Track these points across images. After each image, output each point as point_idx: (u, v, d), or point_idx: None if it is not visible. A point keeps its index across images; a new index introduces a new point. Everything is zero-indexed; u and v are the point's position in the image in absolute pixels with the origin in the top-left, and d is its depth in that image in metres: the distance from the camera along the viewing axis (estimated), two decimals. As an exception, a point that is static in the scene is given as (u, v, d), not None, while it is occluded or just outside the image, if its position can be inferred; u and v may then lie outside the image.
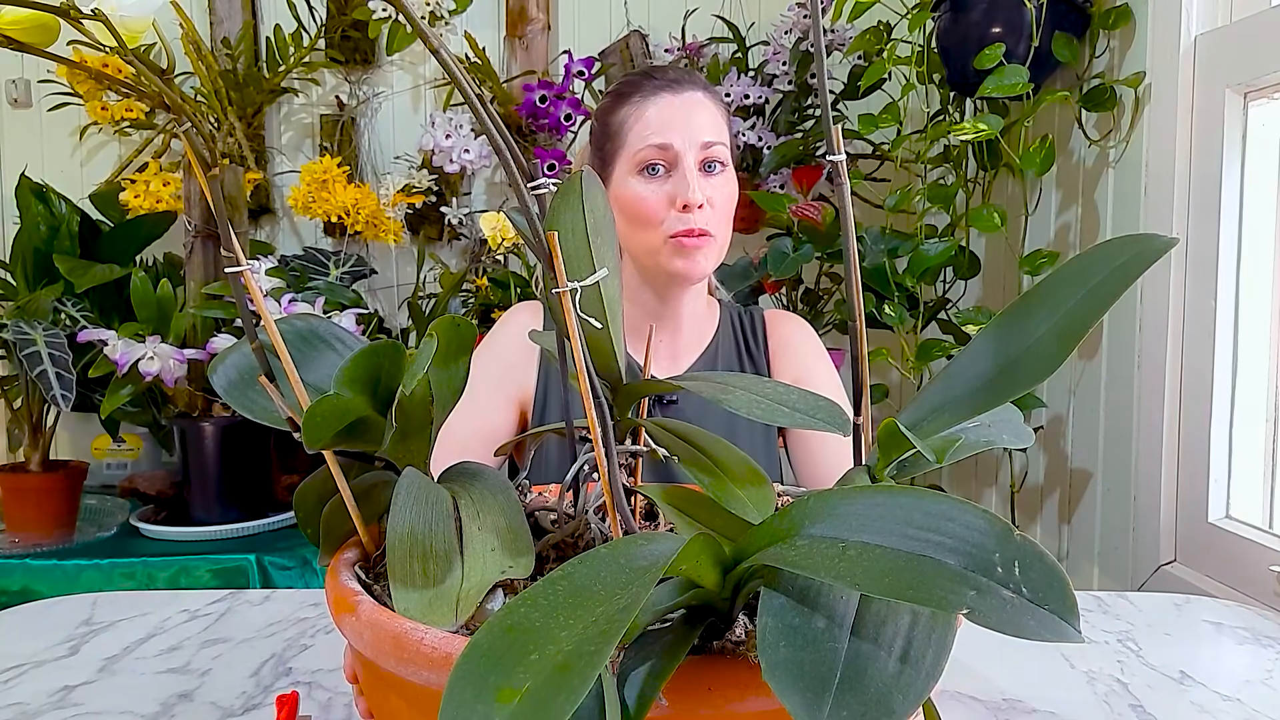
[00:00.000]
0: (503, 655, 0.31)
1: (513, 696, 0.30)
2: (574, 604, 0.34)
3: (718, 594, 0.39)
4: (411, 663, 0.40)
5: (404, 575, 0.43)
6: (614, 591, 0.34)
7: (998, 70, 1.31)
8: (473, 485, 0.49)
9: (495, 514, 0.47)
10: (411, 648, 0.40)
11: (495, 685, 0.30)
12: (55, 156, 2.08)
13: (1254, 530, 1.08)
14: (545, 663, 0.31)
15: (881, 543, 0.35)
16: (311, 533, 0.53)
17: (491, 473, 0.51)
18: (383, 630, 0.42)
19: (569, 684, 0.29)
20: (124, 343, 1.27)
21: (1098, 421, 1.39)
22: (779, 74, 1.81)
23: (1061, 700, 0.64)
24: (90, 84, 1.81)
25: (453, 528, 0.46)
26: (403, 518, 0.45)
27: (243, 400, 0.51)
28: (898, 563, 0.34)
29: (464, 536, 0.46)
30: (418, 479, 0.48)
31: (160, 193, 1.68)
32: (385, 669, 0.42)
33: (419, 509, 0.46)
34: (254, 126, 2.00)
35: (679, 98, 0.91)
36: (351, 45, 2.01)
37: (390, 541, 0.44)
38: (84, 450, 1.88)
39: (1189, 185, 1.18)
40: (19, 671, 0.69)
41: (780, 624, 0.35)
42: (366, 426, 0.48)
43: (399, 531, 0.44)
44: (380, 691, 0.47)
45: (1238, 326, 1.12)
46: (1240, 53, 1.10)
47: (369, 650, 0.43)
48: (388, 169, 2.05)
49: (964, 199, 1.56)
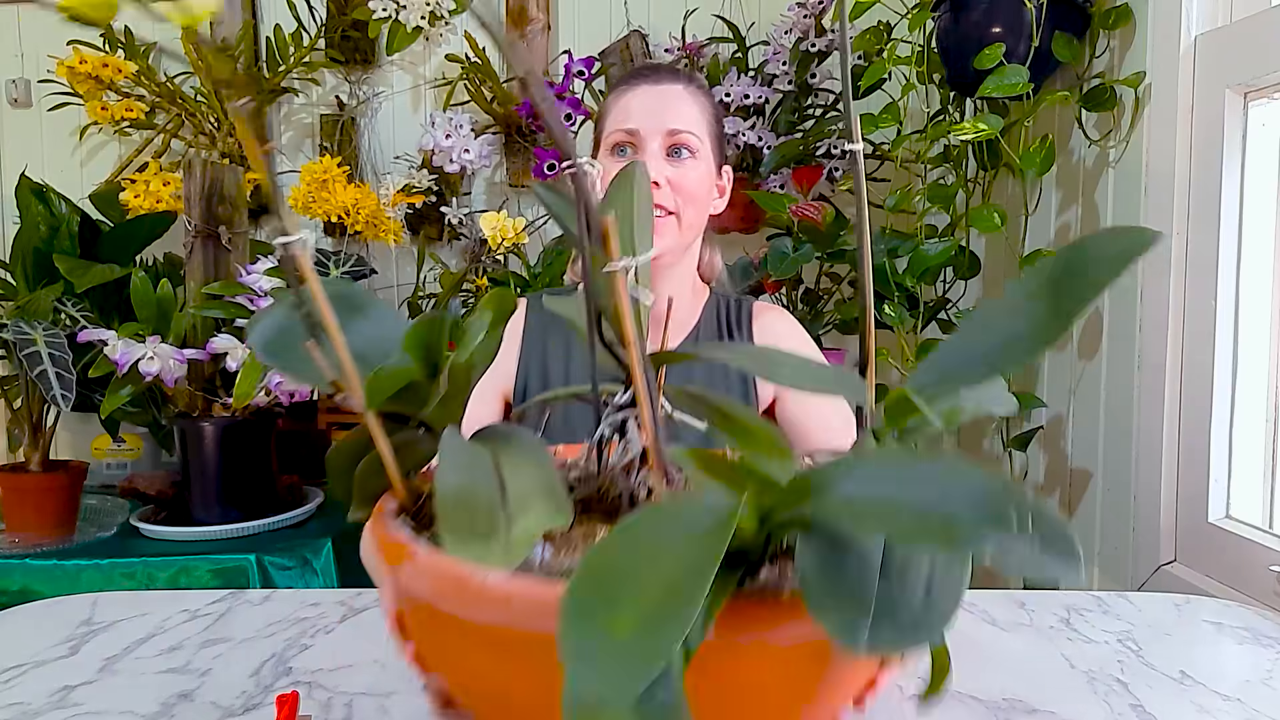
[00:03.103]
0: (605, 593, 0.36)
1: (624, 627, 0.34)
2: (655, 549, 0.39)
3: (754, 542, 0.44)
4: (474, 603, 0.44)
5: (454, 525, 0.46)
6: (692, 536, 0.39)
7: (998, 70, 1.31)
8: (508, 445, 0.53)
9: (532, 470, 0.51)
10: (474, 589, 0.44)
11: (605, 618, 0.35)
12: (55, 156, 2.08)
13: (1254, 530, 1.08)
14: (646, 598, 0.35)
15: (907, 497, 0.40)
16: (343, 492, 0.57)
17: (524, 434, 0.55)
18: (444, 574, 0.45)
19: (675, 614, 0.34)
20: (124, 343, 1.27)
21: (1098, 421, 1.39)
22: (779, 74, 1.81)
23: (1061, 700, 0.64)
24: (90, 84, 1.81)
25: (495, 483, 0.49)
26: (450, 473, 0.48)
27: (280, 358, 0.54)
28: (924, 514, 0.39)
29: (505, 490, 0.49)
30: (460, 439, 0.52)
31: (160, 193, 1.67)
32: (444, 610, 0.46)
33: (464, 465, 0.50)
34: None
35: (657, 89, 1.00)
36: (351, 45, 2.01)
37: (439, 495, 0.47)
38: (84, 450, 1.88)
39: (1189, 185, 1.18)
40: (19, 671, 0.69)
41: (819, 566, 0.41)
42: (415, 389, 0.53)
43: (447, 485, 0.47)
44: (436, 633, 0.51)
45: (1238, 327, 1.12)
46: (1240, 53, 1.10)
47: (428, 593, 0.47)
48: (388, 169, 2.05)
49: (964, 199, 1.56)
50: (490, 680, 0.49)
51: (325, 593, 0.86)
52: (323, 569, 1.35)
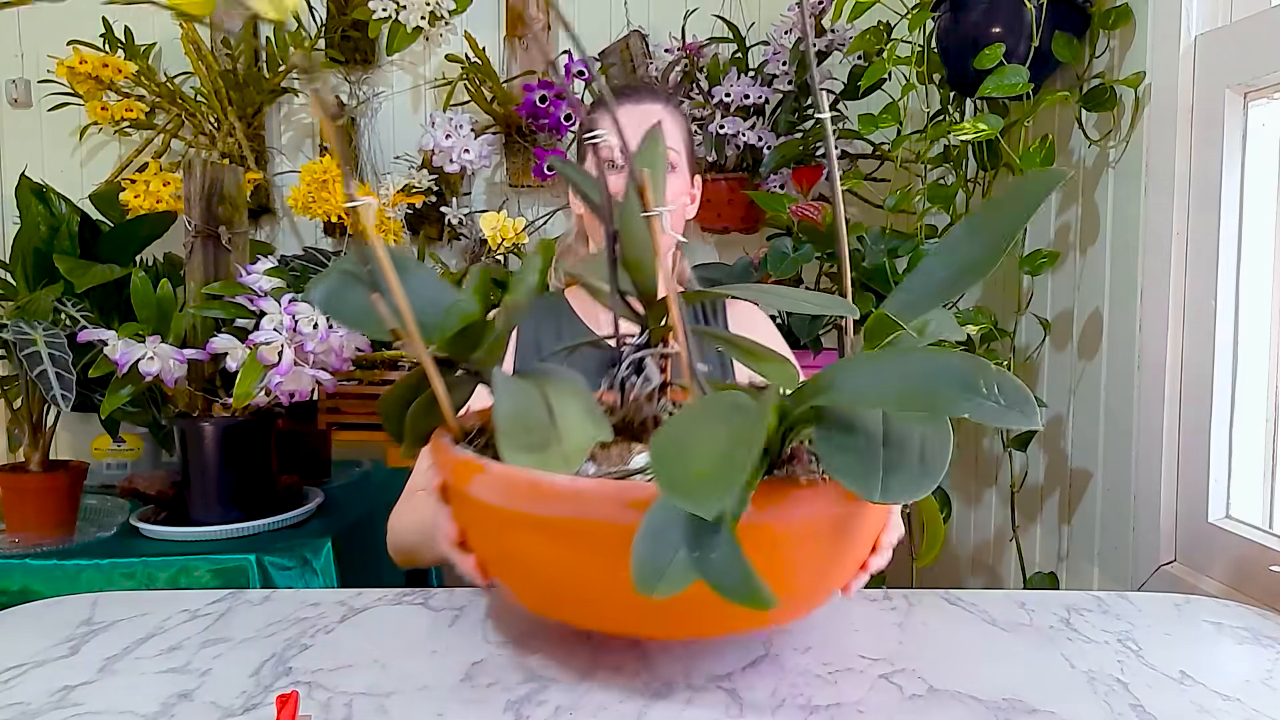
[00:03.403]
0: (681, 452, 0.48)
1: (701, 471, 0.46)
2: (709, 426, 0.50)
3: (775, 440, 0.55)
4: (545, 500, 0.55)
5: (514, 442, 0.56)
6: (742, 412, 0.50)
7: (998, 70, 1.31)
8: (549, 378, 0.63)
9: (573, 397, 0.60)
10: (545, 489, 0.54)
11: (687, 466, 0.46)
12: (55, 156, 2.08)
13: (1254, 530, 1.08)
14: (712, 453, 0.47)
15: (897, 380, 0.51)
16: (394, 432, 0.65)
17: (562, 370, 0.65)
18: (516, 480, 0.56)
19: (738, 460, 0.46)
20: (124, 343, 1.27)
21: (1098, 421, 1.39)
22: (779, 74, 1.81)
23: (1061, 700, 0.64)
24: (90, 84, 1.81)
25: (545, 407, 0.58)
26: (505, 400, 0.58)
27: (340, 311, 0.64)
28: (914, 389, 0.50)
29: (553, 412, 0.58)
30: (508, 375, 0.61)
31: (160, 193, 1.67)
32: (517, 509, 0.57)
33: (517, 395, 0.59)
34: (254, 126, 2.00)
35: (640, 108, 1.10)
36: (351, 45, 2.01)
37: (499, 417, 0.56)
38: (84, 450, 1.88)
39: (1189, 185, 1.18)
40: (19, 671, 0.69)
41: (833, 443, 0.52)
42: (469, 332, 0.62)
43: (505, 411, 0.57)
44: (505, 532, 0.61)
45: (1238, 326, 1.12)
46: (1240, 53, 1.10)
47: (500, 498, 0.57)
48: (388, 169, 2.05)
49: (964, 199, 1.56)
50: (549, 568, 0.59)
51: (325, 593, 0.86)
52: (323, 569, 1.35)
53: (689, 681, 0.66)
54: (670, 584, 0.48)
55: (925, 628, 0.77)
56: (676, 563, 0.48)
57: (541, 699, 0.63)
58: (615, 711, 0.61)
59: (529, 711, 0.61)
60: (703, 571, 0.48)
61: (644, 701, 0.63)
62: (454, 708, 0.62)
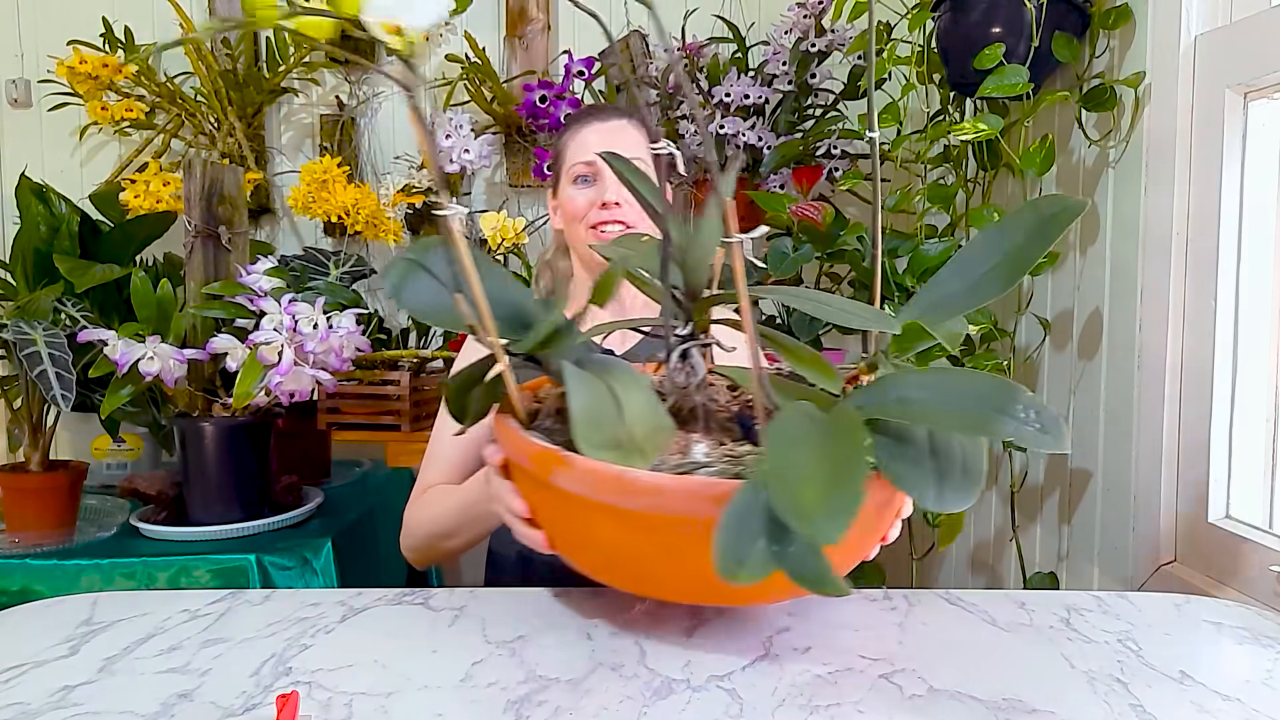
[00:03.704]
0: (798, 481, 0.51)
1: (815, 498, 0.49)
2: (814, 451, 0.53)
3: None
4: (630, 495, 0.60)
5: (590, 440, 0.60)
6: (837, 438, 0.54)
7: (998, 70, 1.31)
8: (611, 372, 0.67)
9: (636, 390, 0.65)
10: (630, 484, 0.60)
11: (805, 496, 0.50)
12: (55, 156, 2.08)
13: (1254, 530, 1.08)
14: (823, 477, 0.51)
15: (944, 401, 0.58)
16: (457, 410, 0.72)
17: (621, 363, 0.70)
18: (602, 475, 0.61)
19: (853, 491, 0.50)
20: (124, 343, 1.27)
21: (1098, 421, 1.39)
22: (779, 74, 1.81)
23: (1061, 700, 0.64)
24: (90, 84, 1.81)
25: (614, 403, 0.63)
26: (579, 398, 0.62)
27: (418, 307, 0.70)
28: (970, 412, 0.56)
29: (622, 409, 0.62)
30: (580, 370, 0.65)
31: (160, 193, 1.67)
32: (600, 501, 0.62)
33: (589, 391, 0.63)
34: (254, 126, 2.00)
35: (606, 125, 1.16)
36: (351, 45, 2.01)
37: (574, 415, 0.61)
38: (84, 450, 1.88)
39: (1189, 185, 1.18)
40: (19, 671, 0.69)
41: (890, 451, 0.59)
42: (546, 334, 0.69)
43: (579, 406, 0.61)
44: (583, 517, 0.66)
45: (1238, 326, 1.12)
46: (1240, 53, 1.10)
47: (586, 489, 0.62)
48: (388, 169, 2.05)
49: (964, 199, 1.56)
50: (624, 550, 0.66)
51: (325, 593, 0.86)
52: (323, 569, 1.35)
53: (689, 681, 0.66)
54: (751, 572, 0.53)
55: (925, 628, 0.77)
56: (756, 553, 0.54)
57: (541, 699, 0.63)
58: (615, 711, 0.61)
59: (529, 711, 0.61)
60: (782, 564, 0.53)
61: (644, 701, 0.63)
62: (454, 708, 0.62)
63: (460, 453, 1.12)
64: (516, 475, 0.75)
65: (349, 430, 1.68)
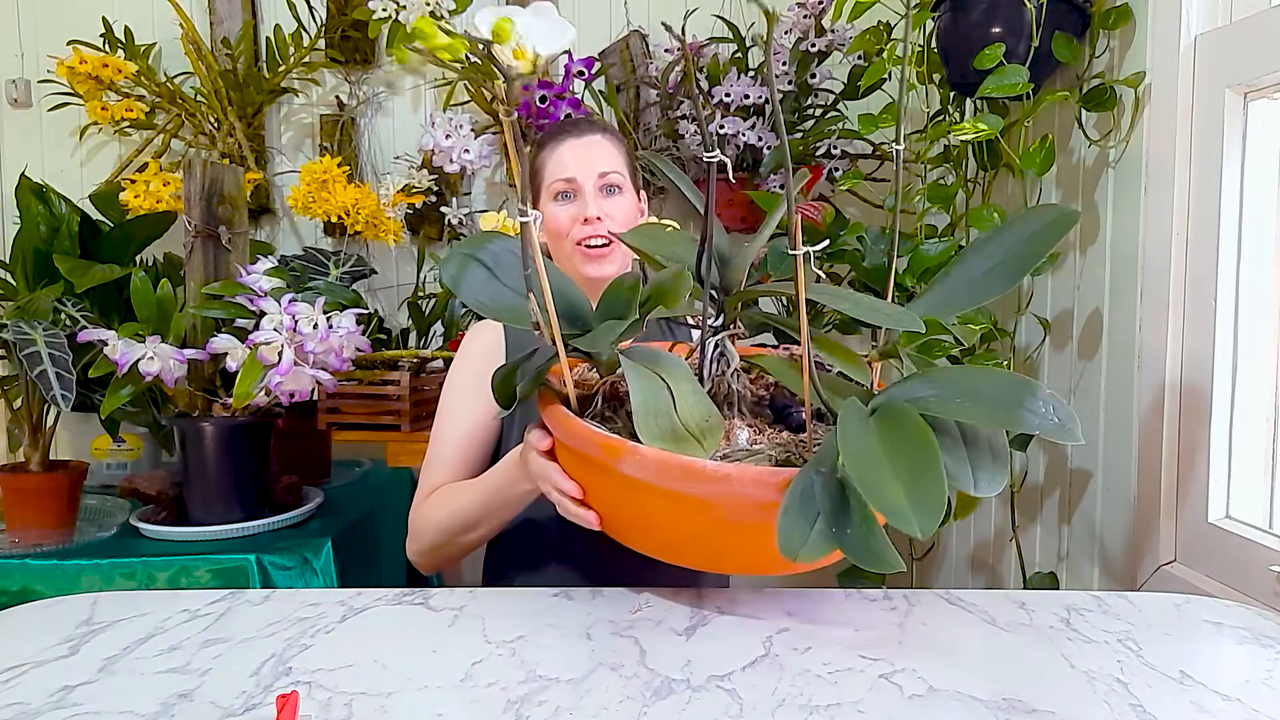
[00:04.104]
0: (879, 478, 0.58)
1: (901, 499, 0.57)
2: (892, 453, 0.60)
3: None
4: (697, 481, 0.67)
5: (651, 431, 0.68)
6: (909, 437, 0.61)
7: (998, 70, 1.31)
8: (660, 363, 0.73)
9: (684, 381, 0.72)
10: (697, 472, 0.67)
11: (899, 495, 0.57)
12: (55, 156, 2.08)
13: (1254, 530, 1.08)
14: (904, 479, 0.58)
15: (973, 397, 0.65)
16: (502, 398, 0.81)
17: (665, 353, 0.75)
18: (669, 463, 0.68)
19: (938, 492, 0.57)
20: (124, 343, 1.27)
21: (1098, 421, 1.39)
22: (779, 74, 1.81)
23: (1061, 700, 0.64)
24: (90, 84, 1.81)
25: (669, 396, 0.70)
26: (639, 392, 0.70)
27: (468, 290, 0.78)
28: (1000, 407, 0.64)
29: (675, 402, 0.70)
30: (634, 364, 0.72)
31: (160, 193, 1.67)
32: (666, 487, 0.69)
33: (647, 384, 0.71)
34: (254, 126, 2.00)
35: (581, 140, 1.18)
36: (351, 45, 2.01)
37: (636, 409, 0.69)
38: (84, 450, 1.88)
39: (1189, 185, 1.18)
40: (19, 671, 0.69)
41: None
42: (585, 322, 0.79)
43: (640, 400, 0.69)
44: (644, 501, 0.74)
45: (1238, 326, 1.12)
46: (1240, 53, 1.10)
47: (652, 476, 0.69)
48: (388, 169, 2.05)
49: (964, 199, 1.56)
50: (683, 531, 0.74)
51: (325, 593, 0.86)
52: (323, 569, 1.35)
53: (689, 681, 0.66)
54: (811, 552, 0.62)
55: (925, 628, 0.77)
56: (816, 535, 0.62)
57: (541, 699, 0.63)
58: (615, 711, 0.61)
59: (529, 711, 0.61)
60: (840, 544, 0.61)
61: (644, 701, 0.63)
62: (454, 708, 0.62)
63: (463, 452, 1.13)
64: (565, 459, 0.83)
65: (349, 430, 1.68)
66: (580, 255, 1.15)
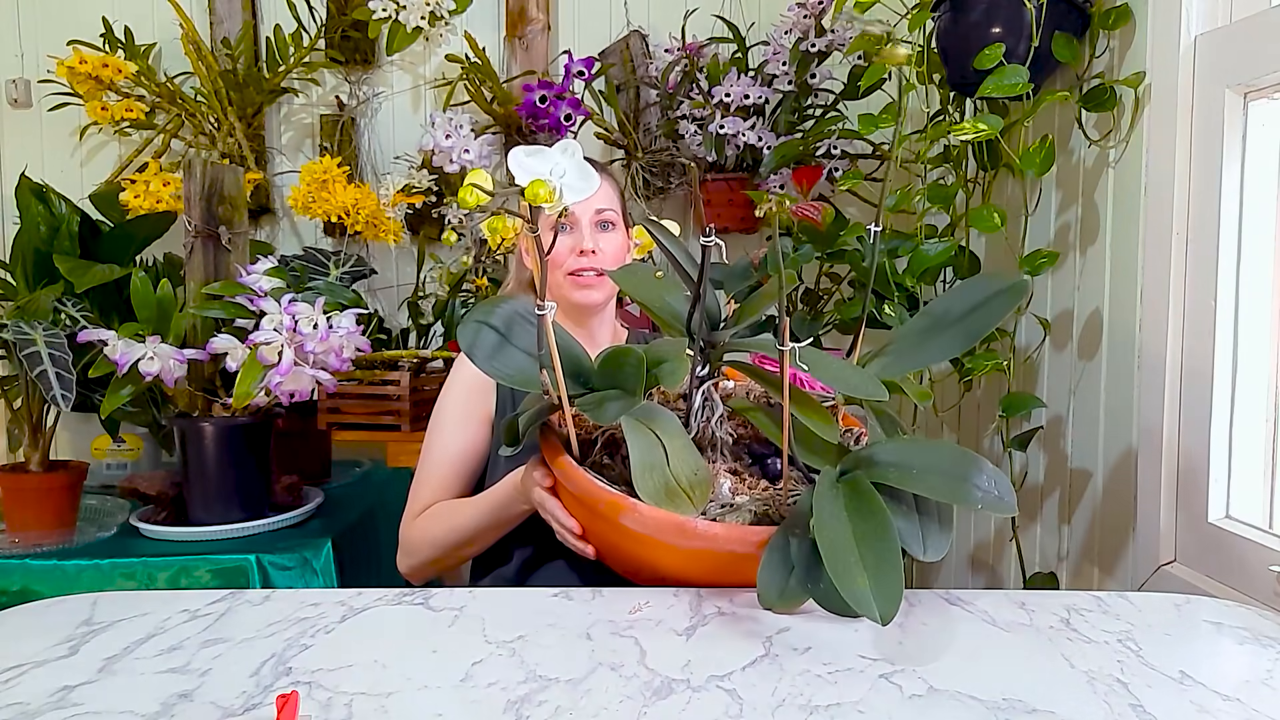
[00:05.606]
0: (848, 567, 0.69)
1: (866, 584, 0.68)
2: (856, 538, 0.71)
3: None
4: (690, 538, 0.79)
5: (648, 490, 0.76)
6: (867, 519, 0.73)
7: (998, 70, 1.31)
8: (656, 420, 0.81)
9: (676, 436, 0.80)
10: (690, 530, 0.78)
11: (851, 578, 0.69)
12: (55, 156, 2.08)
13: (1254, 530, 1.08)
14: (870, 569, 0.69)
15: (926, 468, 0.76)
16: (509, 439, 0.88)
17: (664, 411, 0.83)
18: (664, 520, 0.78)
19: (896, 578, 0.69)
20: (124, 343, 1.27)
21: (1098, 421, 1.39)
22: (779, 74, 1.81)
23: (1061, 700, 0.64)
24: (90, 84, 1.81)
25: (662, 453, 0.78)
26: (637, 452, 0.77)
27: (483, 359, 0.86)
28: (948, 481, 0.75)
29: (669, 459, 0.78)
30: (637, 424, 0.79)
31: (160, 193, 1.67)
32: (662, 541, 0.80)
33: (644, 441, 0.78)
34: (254, 126, 2.00)
35: None
36: (351, 45, 2.01)
37: (634, 468, 0.76)
38: (84, 450, 1.88)
39: (1189, 185, 1.18)
40: (19, 671, 0.69)
41: (890, 509, 0.74)
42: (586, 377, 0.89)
43: (637, 461, 0.77)
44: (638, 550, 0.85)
45: (1238, 326, 1.12)
46: (1240, 53, 1.10)
47: (649, 530, 0.79)
48: (388, 169, 2.05)
49: (964, 199, 1.56)
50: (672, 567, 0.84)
51: (325, 593, 0.86)
52: (323, 569, 1.35)
53: (689, 681, 0.66)
54: (787, 602, 0.77)
55: (925, 628, 0.77)
56: (791, 588, 0.76)
57: (541, 699, 0.63)
58: (615, 711, 0.61)
59: (529, 711, 0.61)
60: (814, 596, 0.76)
61: (644, 701, 0.63)
62: (454, 708, 0.62)
63: (454, 473, 1.18)
64: (567, 500, 0.92)
65: (349, 430, 1.68)
66: (570, 283, 1.20)
